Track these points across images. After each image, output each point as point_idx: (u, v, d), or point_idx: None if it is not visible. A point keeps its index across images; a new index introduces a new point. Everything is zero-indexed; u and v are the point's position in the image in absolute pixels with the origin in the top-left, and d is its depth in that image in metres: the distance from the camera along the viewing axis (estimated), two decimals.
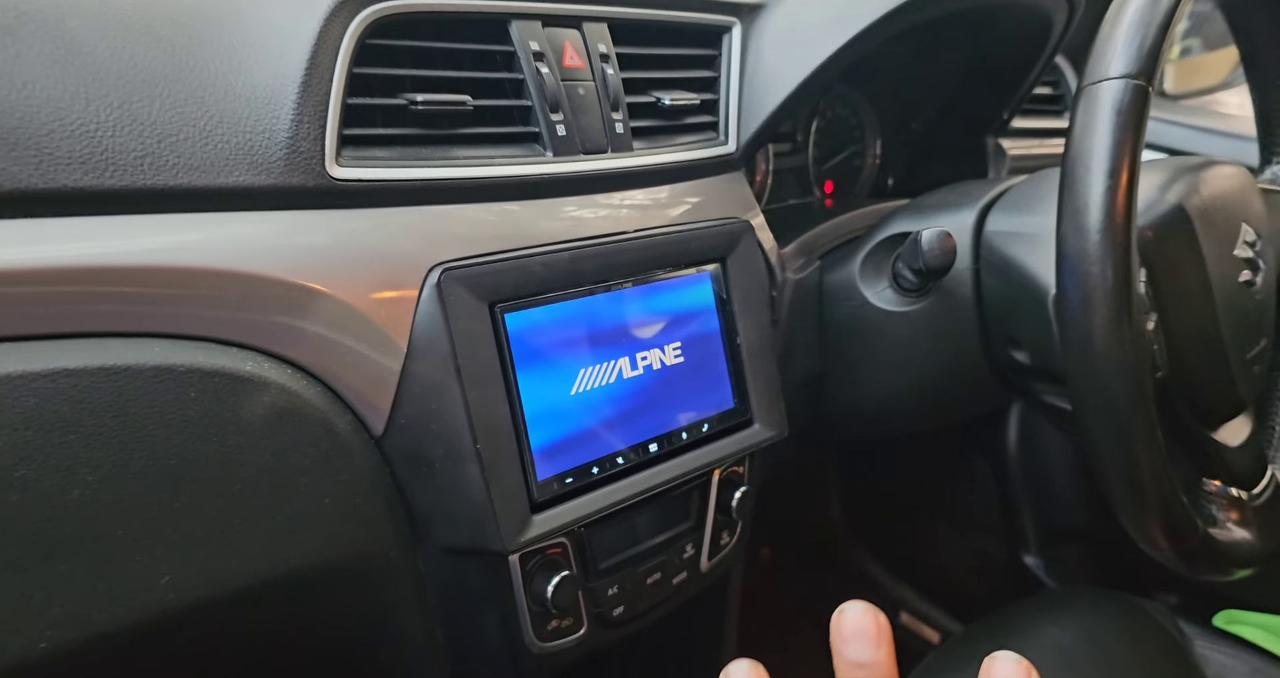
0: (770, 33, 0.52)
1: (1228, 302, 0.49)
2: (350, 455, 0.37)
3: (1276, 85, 0.56)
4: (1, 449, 0.28)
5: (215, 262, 0.32)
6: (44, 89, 0.30)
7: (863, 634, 0.25)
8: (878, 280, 0.57)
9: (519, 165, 0.41)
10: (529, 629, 0.44)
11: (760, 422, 0.51)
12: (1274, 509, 0.52)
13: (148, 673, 0.35)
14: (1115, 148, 0.41)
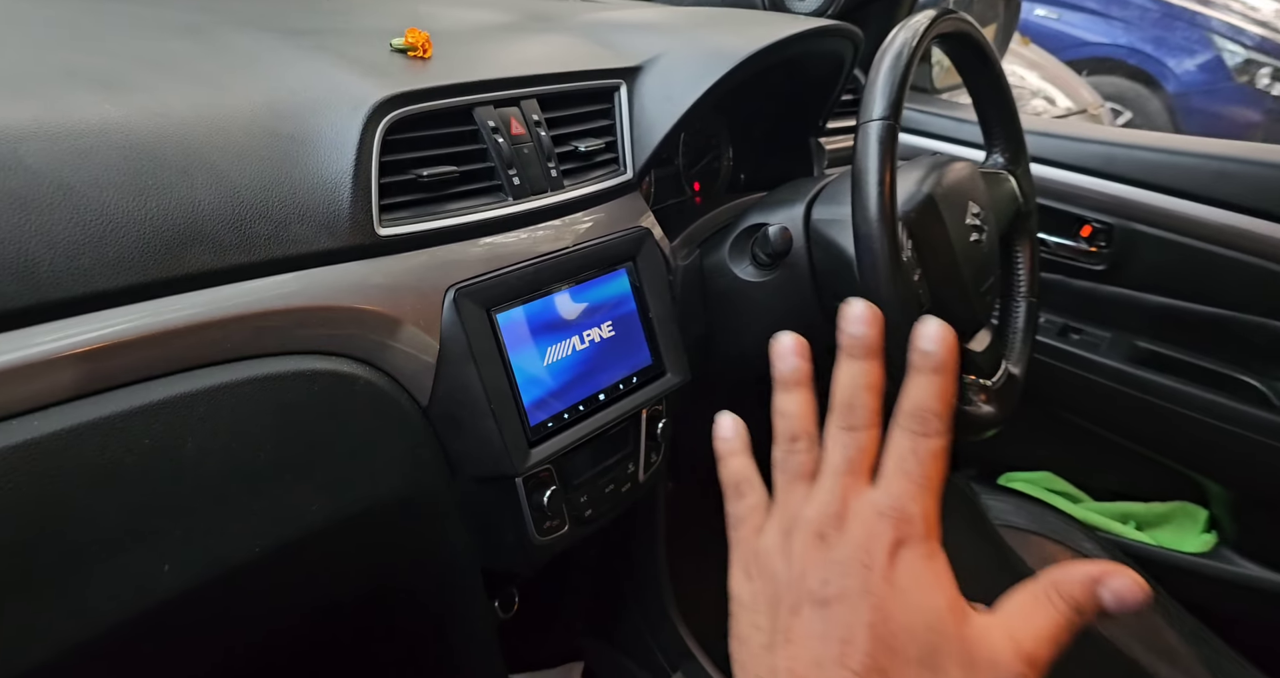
0: (647, 89, 0.71)
1: (964, 255, 0.73)
2: (409, 421, 0.55)
3: (985, 104, 0.81)
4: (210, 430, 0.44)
5: (320, 301, 0.49)
6: (209, 195, 0.45)
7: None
8: (742, 261, 0.78)
9: (492, 210, 0.59)
10: (532, 529, 0.63)
11: (671, 371, 0.71)
12: (1007, 391, 0.78)
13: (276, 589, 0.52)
14: (880, 164, 0.63)
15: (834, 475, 0.34)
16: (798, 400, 0.36)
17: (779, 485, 0.36)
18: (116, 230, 0.41)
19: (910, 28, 0.68)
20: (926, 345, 0.33)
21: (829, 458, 0.34)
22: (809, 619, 0.31)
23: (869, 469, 0.34)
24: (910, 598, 0.31)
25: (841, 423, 0.34)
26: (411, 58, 0.60)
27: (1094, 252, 0.99)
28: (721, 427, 0.39)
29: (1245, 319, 0.90)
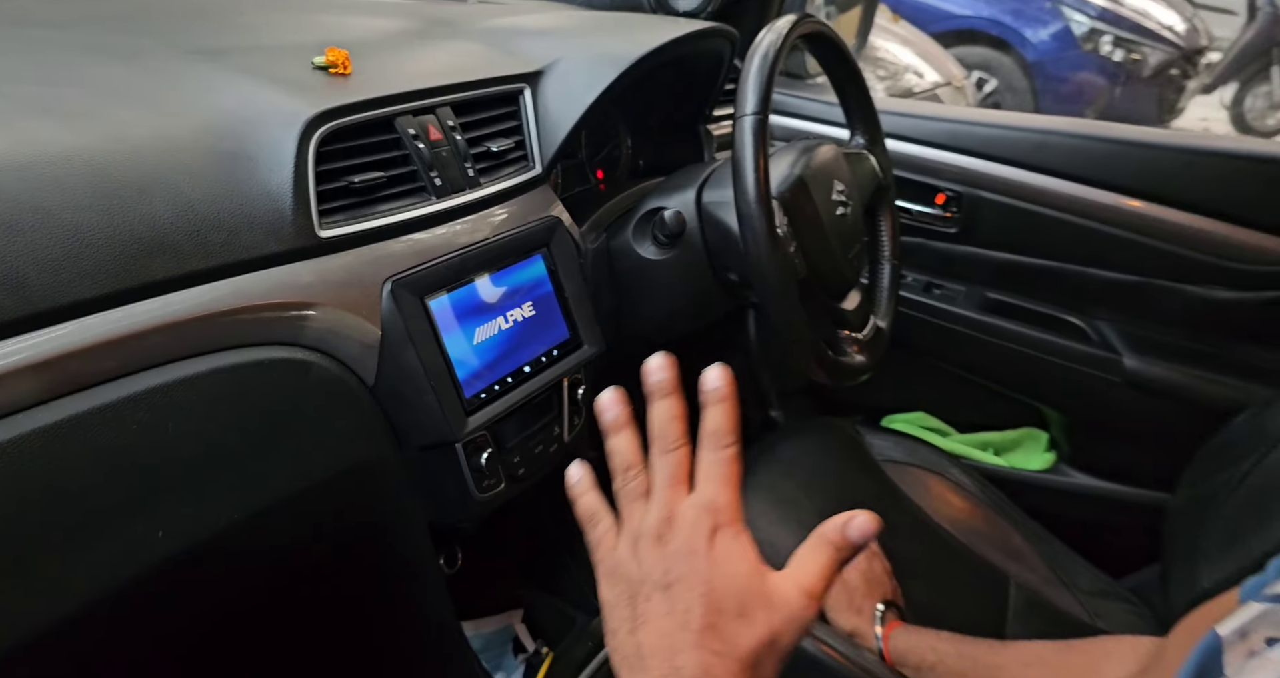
0: (549, 92, 0.79)
1: (833, 227, 0.85)
2: (358, 400, 0.62)
3: (844, 93, 0.92)
4: (186, 415, 0.50)
5: (272, 298, 0.55)
6: (167, 210, 0.50)
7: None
8: (644, 241, 0.87)
9: (418, 209, 0.66)
10: (473, 487, 0.71)
11: (587, 343, 0.80)
12: (875, 342, 0.90)
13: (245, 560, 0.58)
14: (754, 153, 0.73)
15: (661, 489, 0.43)
16: (624, 440, 0.45)
17: (622, 507, 0.45)
18: (90, 246, 0.47)
19: (775, 31, 0.78)
20: (711, 385, 0.43)
21: (656, 477, 0.44)
22: (657, 602, 0.40)
23: (686, 479, 0.43)
24: (726, 569, 0.40)
25: (660, 448, 0.44)
26: (333, 75, 0.66)
27: (948, 216, 1.13)
28: (570, 474, 0.48)
29: (1070, 269, 1.06)
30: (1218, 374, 0.97)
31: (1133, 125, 1.03)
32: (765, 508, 0.96)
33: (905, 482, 1.10)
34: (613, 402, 0.46)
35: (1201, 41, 4.05)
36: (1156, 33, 3.83)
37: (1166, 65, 3.81)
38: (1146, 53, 3.76)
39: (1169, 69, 3.84)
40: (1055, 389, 1.11)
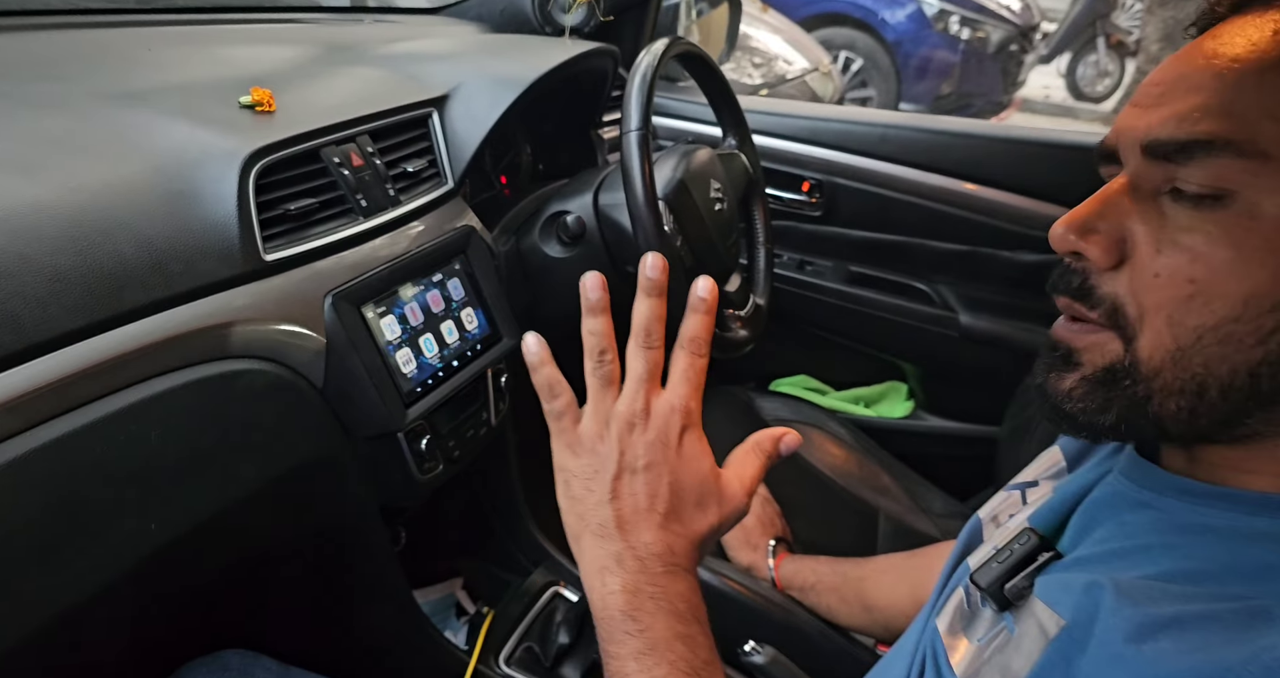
0: (454, 114, 0.87)
1: (712, 220, 0.97)
2: (308, 401, 0.70)
3: (715, 101, 1.04)
4: (165, 424, 0.58)
5: (228, 318, 0.62)
6: (130, 248, 0.57)
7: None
8: (550, 242, 0.97)
9: (349, 229, 0.73)
10: (415, 470, 0.80)
11: (506, 337, 0.90)
12: (756, 317, 1.04)
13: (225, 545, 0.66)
14: (640, 163, 0.84)
15: (637, 382, 0.46)
16: (602, 322, 0.48)
17: (593, 388, 0.48)
18: (69, 284, 0.53)
19: (651, 54, 0.89)
20: (701, 294, 0.46)
21: (633, 368, 0.47)
22: (629, 482, 0.45)
23: (659, 377, 0.47)
24: (690, 465, 0.46)
25: (641, 343, 0.46)
26: (260, 112, 0.72)
27: (813, 202, 1.28)
28: (528, 343, 0.50)
29: (914, 242, 1.23)
30: (1031, 323, 1.16)
31: (957, 117, 1.20)
32: None
33: None
34: (595, 286, 0.49)
35: (1035, 18, 4.43)
36: (996, 12, 4.17)
37: (1007, 41, 4.16)
38: (989, 30, 4.09)
39: (1009, 45, 4.19)
40: (909, 346, 1.29)
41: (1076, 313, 0.40)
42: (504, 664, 0.89)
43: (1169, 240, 0.36)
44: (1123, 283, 0.38)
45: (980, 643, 0.42)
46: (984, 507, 0.55)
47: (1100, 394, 0.39)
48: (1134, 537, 0.39)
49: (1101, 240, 0.38)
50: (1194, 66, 0.36)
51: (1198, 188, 0.35)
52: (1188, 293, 0.35)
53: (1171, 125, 0.36)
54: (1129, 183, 0.38)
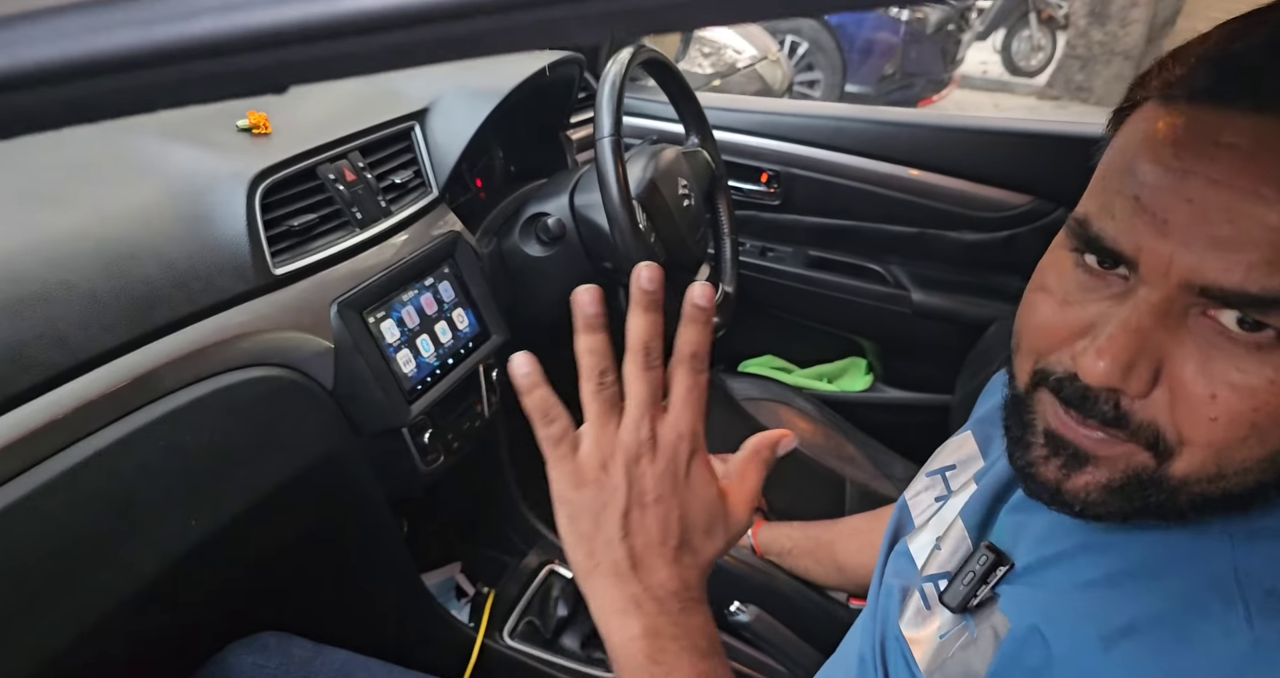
0: (435, 126, 0.92)
1: (681, 215, 1.03)
2: (320, 401, 0.75)
3: (678, 103, 1.11)
4: (198, 429, 0.63)
5: (246, 329, 0.67)
6: (156, 270, 0.62)
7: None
8: (530, 242, 1.03)
9: (348, 240, 0.78)
10: (419, 461, 0.85)
11: (495, 333, 0.96)
12: (725, 304, 1.11)
13: (256, 535, 0.71)
14: (614, 166, 0.90)
15: (641, 407, 0.41)
16: (600, 340, 0.41)
17: (594, 414, 0.42)
18: (106, 306, 0.58)
19: (619, 63, 0.94)
20: (699, 302, 0.41)
21: (635, 392, 0.41)
22: (639, 517, 0.41)
23: (660, 399, 0.42)
24: (699, 493, 0.42)
25: (641, 364, 0.41)
26: (257, 135, 0.77)
27: (771, 192, 1.35)
28: (517, 365, 0.43)
29: (867, 226, 1.31)
30: (976, 298, 1.25)
31: (903, 108, 1.28)
32: None
33: (760, 413, 1.33)
34: (591, 300, 0.42)
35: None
36: None
37: (945, 21, 4.28)
38: (927, 11, 4.20)
39: (948, 24, 4.31)
40: (866, 323, 1.37)
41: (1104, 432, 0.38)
42: (508, 638, 0.96)
43: (1225, 382, 0.34)
44: (1160, 409, 0.36)
45: (943, 639, 0.47)
46: (908, 489, 0.62)
47: (1119, 500, 0.38)
48: (1071, 536, 0.43)
49: (1142, 374, 0.35)
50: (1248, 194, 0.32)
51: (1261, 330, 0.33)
52: (1244, 436, 0.35)
53: (1239, 274, 0.32)
54: (1162, 308, 0.35)
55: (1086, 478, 0.39)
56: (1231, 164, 0.32)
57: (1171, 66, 0.36)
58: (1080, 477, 0.39)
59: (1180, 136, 0.34)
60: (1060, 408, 0.39)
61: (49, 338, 0.54)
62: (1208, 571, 0.37)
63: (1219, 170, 0.32)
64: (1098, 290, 0.38)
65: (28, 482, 0.51)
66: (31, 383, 0.52)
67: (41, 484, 0.51)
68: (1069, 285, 0.39)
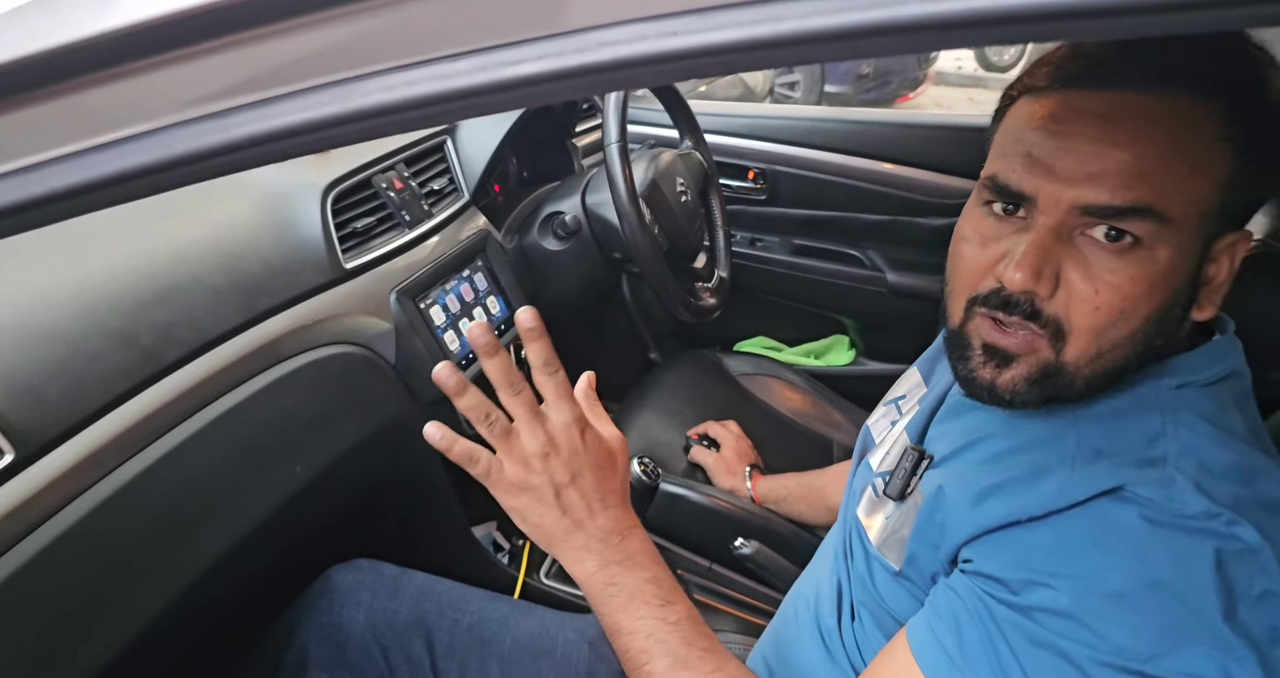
0: (464, 140, 1.06)
1: (680, 210, 1.17)
2: (385, 375, 0.89)
3: (673, 112, 1.25)
4: (295, 394, 0.76)
5: (328, 312, 0.81)
6: (257, 266, 0.75)
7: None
8: (548, 238, 1.17)
9: (400, 238, 0.92)
10: (465, 426, 0.99)
11: None
12: (720, 287, 1.25)
13: (341, 482, 0.85)
14: (621, 169, 1.04)
15: (528, 422, 0.55)
16: (472, 397, 0.56)
17: (497, 443, 0.56)
18: (225, 296, 0.72)
19: None
20: (526, 325, 0.54)
21: (517, 413, 0.55)
22: (566, 495, 0.55)
23: (537, 405, 0.55)
24: (595, 452, 0.56)
25: (511, 392, 0.55)
26: (319, 154, 0.90)
27: (758, 188, 1.49)
28: (431, 435, 0.58)
29: (845, 216, 1.45)
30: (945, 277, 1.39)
31: (872, 108, 1.43)
32: (658, 419, 1.29)
33: (755, 387, 1.48)
34: (448, 374, 0.55)
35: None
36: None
37: None
38: None
39: None
40: (847, 304, 1.52)
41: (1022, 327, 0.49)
42: (544, 578, 1.10)
43: (1102, 281, 0.46)
44: (1060, 306, 0.48)
45: (888, 520, 0.62)
46: (869, 417, 0.77)
47: (1034, 388, 0.50)
48: (973, 433, 0.56)
49: (1049, 279, 0.47)
50: (1108, 143, 0.45)
51: (1121, 239, 0.46)
52: (1114, 319, 0.47)
53: (1107, 194, 0.45)
54: (1055, 229, 0.47)
55: (1012, 373, 0.50)
56: (1097, 124, 0.45)
57: (1037, 71, 0.50)
58: (1007, 373, 0.51)
59: (1055, 111, 0.47)
60: (989, 325, 0.51)
61: (187, 321, 0.68)
62: (1059, 446, 0.51)
63: (1090, 129, 0.46)
64: (1006, 230, 0.50)
65: (182, 432, 0.65)
66: (179, 355, 0.66)
67: (193, 433, 0.65)
68: (985, 231, 0.51)
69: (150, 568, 0.60)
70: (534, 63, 0.34)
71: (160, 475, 0.62)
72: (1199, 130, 0.45)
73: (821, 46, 0.30)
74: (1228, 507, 0.44)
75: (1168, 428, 0.48)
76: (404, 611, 0.76)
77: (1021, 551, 0.47)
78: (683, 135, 1.30)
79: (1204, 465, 0.46)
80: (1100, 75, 0.46)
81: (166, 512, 0.62)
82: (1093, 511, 0.46)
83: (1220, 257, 0.49)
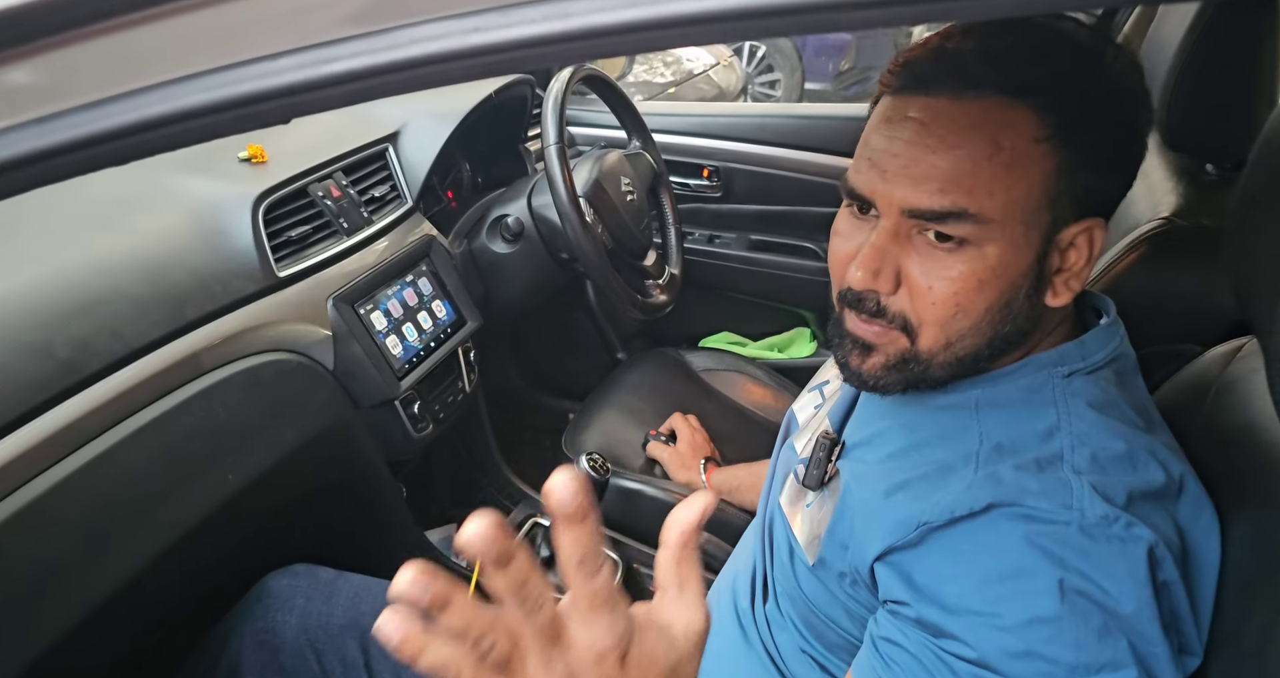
0: (405, 147, 1.07)
1: (626, 210, 1.18)
2: (323, 380, 0.89)
3: (620, 114, 1.25)
4: (226, 402, 0.77)
5: (259, 320, 0.81)
6: (185, 276, 0.76)
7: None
8: (496, 241, 1.17)
9: (337, 246, 0.93)
10: (410, 429, 1.00)
11: (469, 320, 1.10)
12: (671, 284, 1.25)
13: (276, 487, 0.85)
14: (561, 170, 1.05)
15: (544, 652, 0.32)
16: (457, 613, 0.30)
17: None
18: (148, 306, 0.72)
19: (560, 80, 1.09)
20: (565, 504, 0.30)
21: (531, 640, 0.31)
22: None
23: (564, 628, 0.32)
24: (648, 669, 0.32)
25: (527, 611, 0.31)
26: (256, 164, 0.91)
27: (713, 185, 1.50)
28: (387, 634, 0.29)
29: (799, 209, 1.46)
30: None
31: (817, 103, 1.43)
32: (619, 417, 1.29)
33: (718, 382, 1.48)
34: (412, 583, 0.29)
35: None
36: None
37: None
38: None
39: None
40: (807, 296, 1.52)
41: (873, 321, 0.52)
42: None
43: (936, 276, 0.48)
44: (904, 302, 0.50)
45: (808, 509, 0.62)
46: (795, 403, 0.77)
47: (894, 375, 0.52)
48: (882, 419, 0.57)
49: (887, 278, 0.50)
50: (924, 148, 0.47)
51: (948, 240, 0.48)
52: (953, 312, 0.49)
53: (926, 198, 0.47)
54: (892, 230, 0.49)
55: (874, 361, 0.53)
56: (914, 129, 0.47)
57: (888, 72, 0.51)
58: (870, 360, 0.53)
59: (889, 115, 0.49)
60: (852, 316, 0.53)
61: (108, 332, 0.68)
62: (964, 440, 0.52)
63: (908, 134, 0.47)
64: (861, 229, 0.52)
65: (105, 442, 0.65)
66: (99, 367, 0.67)
67: (116, 442, 0.66)
68: (846, 228, 0.53)
69: (66, 579, 0.61)
70: (350, 60, 0.34)
71: (81, 485, 0.62)
72: (1013, 133, 0.46)
73: (606, 41, 0.31)
74: (1121, 506, 0.45)
75: (1061, 421, 0.50)
76: (338, 613, 0.77)
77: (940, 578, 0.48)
78: (630, 136, 1.31)
79: (1096, 458, 0.47)
80: (919, 82, 0.48)
81: (87, 522, 0.63)
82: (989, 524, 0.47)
83: (1072, 245, 0.50)
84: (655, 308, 1.20)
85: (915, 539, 0.49)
